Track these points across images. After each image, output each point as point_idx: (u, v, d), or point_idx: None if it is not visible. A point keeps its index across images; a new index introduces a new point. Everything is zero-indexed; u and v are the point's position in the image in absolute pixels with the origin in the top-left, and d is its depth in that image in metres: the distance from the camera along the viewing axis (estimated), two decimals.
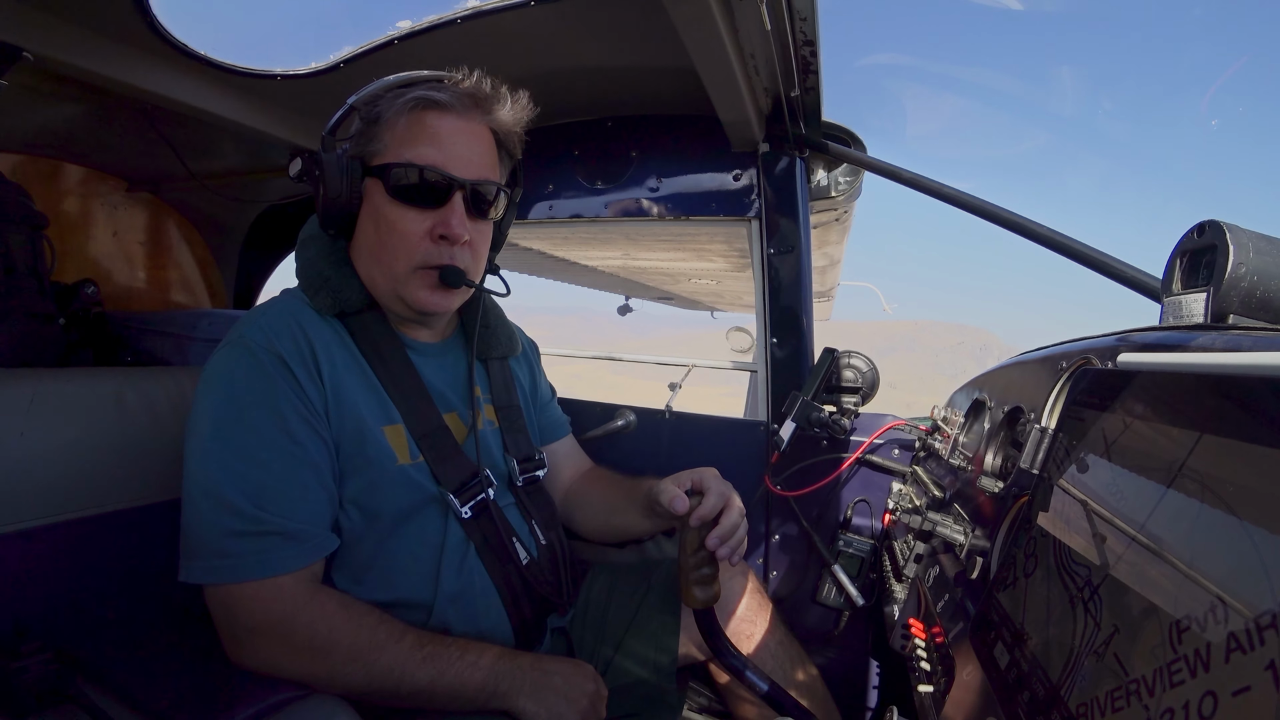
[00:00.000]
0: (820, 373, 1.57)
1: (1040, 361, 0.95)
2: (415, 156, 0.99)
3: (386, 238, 1.02)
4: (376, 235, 1.03)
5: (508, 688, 0.98)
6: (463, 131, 1.03)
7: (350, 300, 1.06)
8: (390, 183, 0.99)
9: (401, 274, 1.03)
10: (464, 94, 1.04)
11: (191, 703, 0.84)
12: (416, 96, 1.00)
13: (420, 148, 1.00)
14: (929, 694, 0.81)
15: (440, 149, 1.00)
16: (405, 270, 1.03)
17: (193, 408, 0.97)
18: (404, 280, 1.04)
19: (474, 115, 1.05)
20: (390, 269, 1.04)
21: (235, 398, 0.95)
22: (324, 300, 1.05)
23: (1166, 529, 0.46)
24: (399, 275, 1.03)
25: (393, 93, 1.03)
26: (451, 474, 1.09)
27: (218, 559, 0.89)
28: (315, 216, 1.14)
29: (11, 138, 2.09)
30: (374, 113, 1.02)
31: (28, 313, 1.82)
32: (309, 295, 1.07)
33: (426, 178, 0.99)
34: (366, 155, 1.02)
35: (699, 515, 1.02)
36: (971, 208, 1.36)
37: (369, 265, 1.07)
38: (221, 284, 2.95)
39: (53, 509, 1.08)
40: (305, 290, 1.08)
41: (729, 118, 1.52)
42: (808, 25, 1.22)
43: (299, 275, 1.11)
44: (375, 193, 1.02)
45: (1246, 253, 0.65)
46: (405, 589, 1.04)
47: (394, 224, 1.01)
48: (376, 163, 1.01)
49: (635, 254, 2.84)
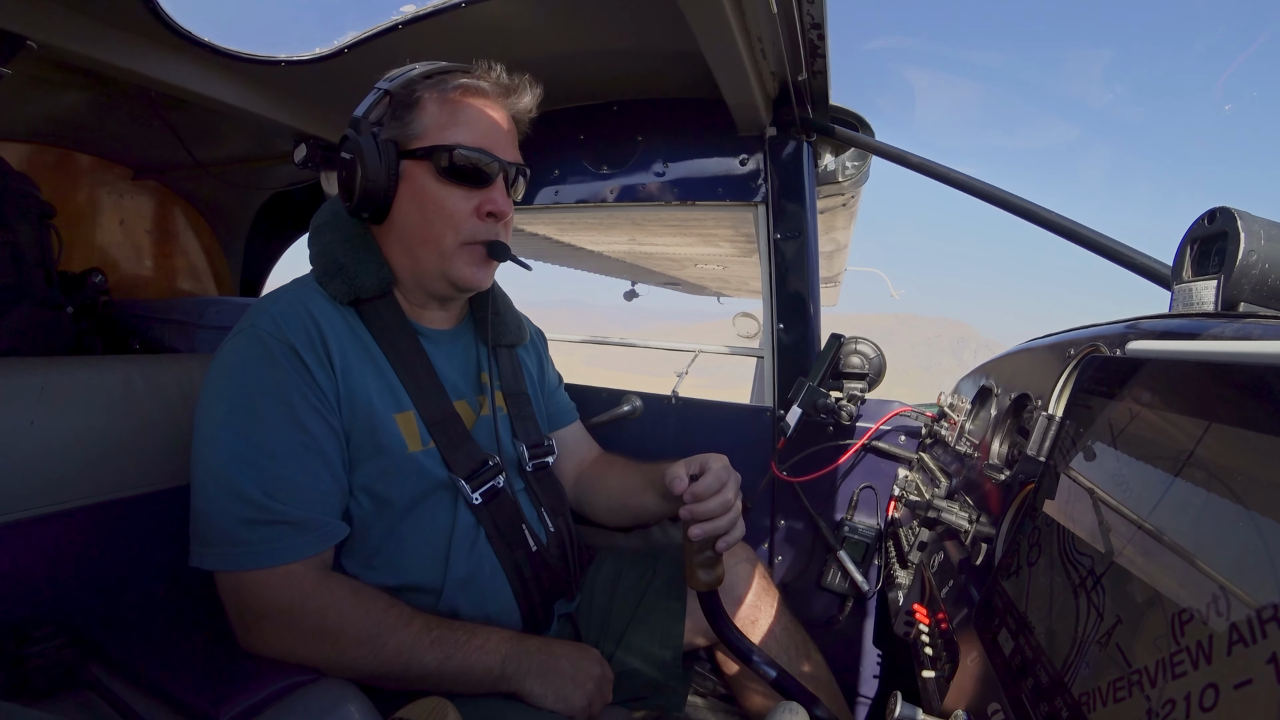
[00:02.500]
0: (827, 359, 1.56)
1: (1048, 348, 0.94)
2: (463, 139, 1.03)
3: (434, 216, 1.05)
4: (421, 214, 1.05)
5: (514, 670, 0.99)
6: (498, 117, 1.09)
7: (365, 286, 1.07)
8: (438, 164, 1.03)
9: (450, 249, 1.07)
10: (498, 82, 1.10)
11: (204, 686, 0.86)
12: (461, 83, 1.06)
13: (463, 131, 1.04)
14: (933, 679, 0.81)
15: (483, 133, 1.05)
16: (453, 246, 1.07)
17: (203, 395, 0.98)
18: (451, 255, 1.07)
19: (504, 102, 1.11)
20: (438, 245, 1.06)
21: (246, 386, 0.95)
22: (339, 287, 1.06)
23: (1173, 518, 0.45)
24: (446, 251, 1.07)
25: (430, 79, 1.06)
26: (462, 460, 1.09)
27: (229, 546, 0.91)
28: (329, 203, 1.15)
29: (17, 127, 2.09)
30: (412, 97, 1.05)
31: (36, 302, 1.84)
32: (323, 282, 1.07)
33: (474, 160, 1.04)
34: (402, 139, 1.04)
35: (691, 492, 1.04)
36: (980, 193, 1.35)
37: (409, 244, 1.08)
38: (228, 271, 2.96)
39: (64, 496, 1.09)
40: (319, 277, 1.08)
41: (735, 102, 1.50)
42: (815, 8, 1.20)
43: (313, 262, 1.11)
44: (418, 174, 1.04)
45: (1258, 240, 0.65)
46: (415, 574, 1.05)
47: (442, 202, 1.04)
48: (416, 145, 1.04)
49: (641, 239, 2.82)
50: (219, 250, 2.92)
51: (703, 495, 1.04)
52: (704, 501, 1.04)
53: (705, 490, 1.05)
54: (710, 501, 1.04)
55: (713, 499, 1.04)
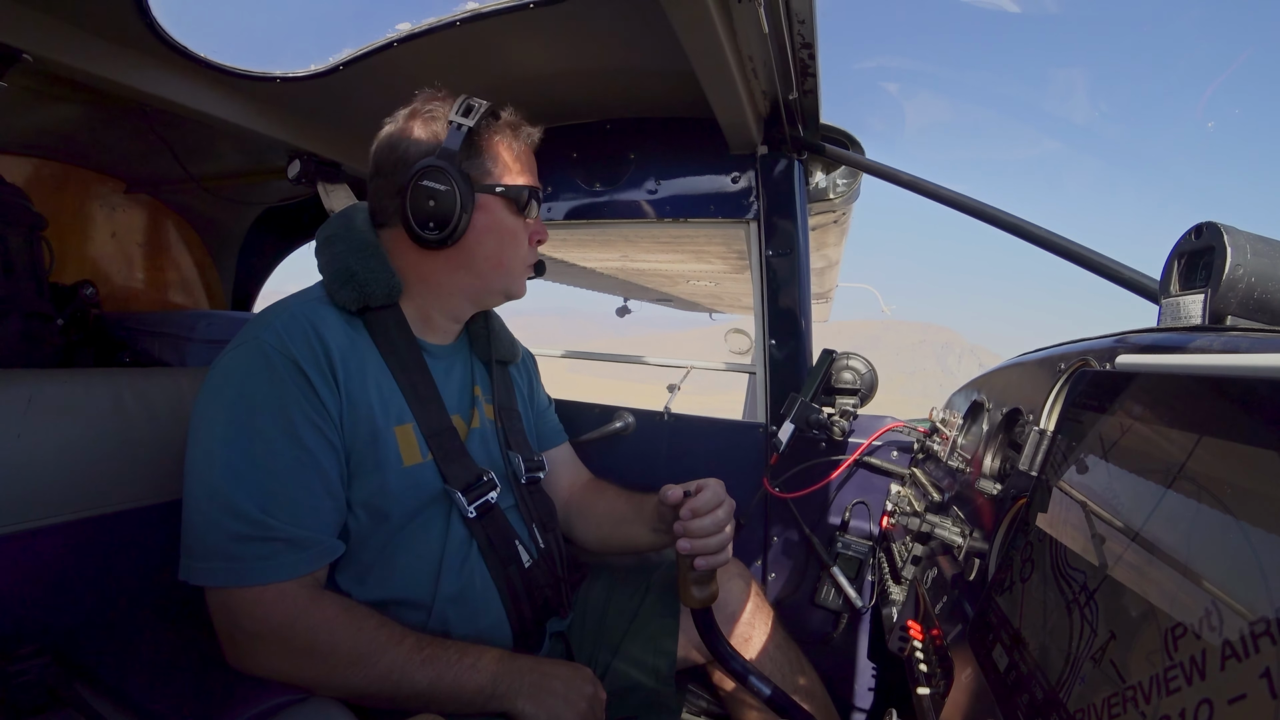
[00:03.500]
0: (819, 374, 1.57)
1: (1039, 363, 0.95)
2: (530, 181, 1.17)
3: (509, 245, 1.16)
4: (498, 243, 1.15)
5: (506, 690, 0.98)
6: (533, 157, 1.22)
7: (375, 295, 1.07)
8: (520, 202, 1.14)
9: (518, 271, 1.20)
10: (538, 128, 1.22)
11: (189, 706, 0.84)
12: (530, 134, 1.20)
13: (528, 173, 1.18)
14: (928, 696, 0.81)
15: (534, 175, 1.20)
16: (521, 268, 1.20)
17: (199, 405, 0.96)
18: (518, 276, 1.20)
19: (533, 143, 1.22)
20: (510, 269, 1.18)
21: (246, 400, 0.94)
22: (349, 294, 1.06)
23: (1165, 532, 0.46)
24: (516, 273, 1.20)
25: (499, 122, 1.15)
26: (458, 473, 1.09)
27: (221, 562, 0.89)
28: (337, 216, 1.17)
29: (10, 139, 2.09)
30: (488, 137, 1.13)
31: (26, 313, 1.82)
32: (332, 290, 1.07)
33: (534, 199, 1.17)
34: (478, 175, 1.12)
35: (690, 506, 1.08)
36: (969, 210, 1.36)
37: (480, 267, 1.15)
38: (220, 285, 2.95)
39: (50, 510, 1.07)
40: (329, 285, 1.08)
41: (727, 120, 1.52)
42: (806, 28, 1.22)
43: (322, 271, 1.11)
44: (495, 208, 1.13)
45: (1244, 254, 0.66)
46: (406, 588, 1.04)
47: (516, 234, 1.17)
48: (493, 182, 1.13)
49: (634, 256, 2.83)
50: (211, 264, 2.91)
51: (700, 511, 1.07)
52: (699, 518, 1.07)
53: (703, 505, 1.08)
54: (704, 519, 1.07)
55: (705, 517, 1.07)
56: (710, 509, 1.08)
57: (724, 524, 1.09)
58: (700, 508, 1.07)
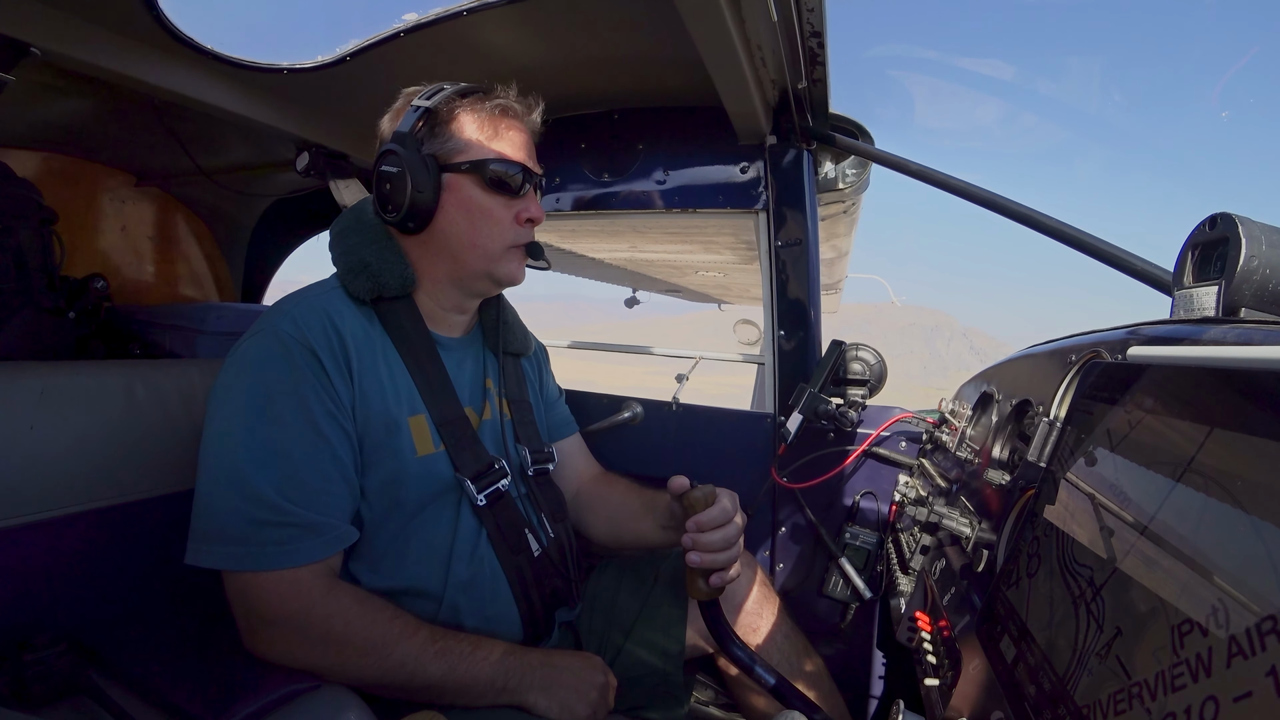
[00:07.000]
0: (827, 365, 1.56)
1: (1049, 354, 0.94)
2: (507, 154, 1.11)
3: (481, 223, 1.11)
4: (469, 223, 1.11)
5: (518, 683, 0.99)
6: (524, 134, 1.16)
7: (389, 285, 1.09)
8: (485, 177, 1.10)
9: (497, 252, 1.13)
10: (521, 101, 1.17)
11: (203, 693, 0.85)
12: (498, 104, 1.13)
13: (504, 146, 1.12)
14: (935, 687, 0.81)
15: (518, 149, 1.14)
16: (500, 249, 1.13)
17: (216, 392, 0.98)
18: (499, 258, 1.14)
19: (526, 120, 1.18)
20: (486, 250, 1.13)
21: (263, 386, 0.96)
22: (363, 284, 1.07)
23: (1174, 525, 0.45)
24: (494, 254, 1.13)
25: (466, 97, 1.12)
26: (469, 461, 1.10)
27: (238, 546, 0.90)
28: (351, 210, 1.18)
29: (20, 133, 2.10)
30: (450, 115, 1.10)
31: (38, 307, 1.84)
32: (347, 280, 1.08)
33: (514, 172, 1.12)
34: (443, 154, 1.09)
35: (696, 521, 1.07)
36: (980, 200, 1.35)
37: (455, 250, 1.12)
38: (229, 277, 2.97)
39: (64, 501, 1.09)
40: (343, 275, 1.09)
41: (736, 110, 1.51)
42: (815, 16, 1.20)
43: (337, 263, 1.12)
44: (463, 186, 1.10)
45: (1259, 245, 0.65)
46: (418, 576, 1.06)
47: (490, 212, 1.11)
48: (459, 160, 1.09)
49: (642, 246, 2.83)
50: (220, 256, 2.93)
51: (706, 526, 1.07)
52: (707, 533, 1.07)
53: (709, 521, 1.08)
54: (714, 535, 1.07)
55: (715, 532, 1.07)
56: (718, 524, 1.08)
57: (733, 540, 1.09)
58: (706, 523, 1.07)
